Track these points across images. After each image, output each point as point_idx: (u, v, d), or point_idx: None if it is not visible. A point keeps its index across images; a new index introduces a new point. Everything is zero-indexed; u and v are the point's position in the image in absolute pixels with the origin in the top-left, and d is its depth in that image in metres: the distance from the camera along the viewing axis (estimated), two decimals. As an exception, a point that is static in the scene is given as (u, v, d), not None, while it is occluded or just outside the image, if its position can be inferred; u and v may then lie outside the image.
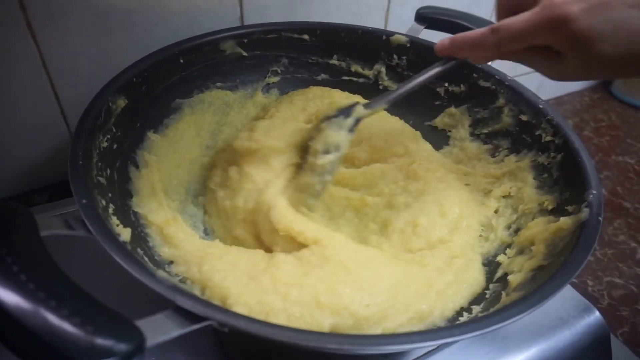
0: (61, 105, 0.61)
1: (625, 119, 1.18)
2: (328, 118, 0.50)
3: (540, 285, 0.33)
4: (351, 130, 0.49)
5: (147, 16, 0.60)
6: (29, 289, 0.23)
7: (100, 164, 0.43)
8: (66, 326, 0.22)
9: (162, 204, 0.47)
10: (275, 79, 0.67)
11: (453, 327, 0.29)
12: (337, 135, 0.48)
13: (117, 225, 0.39)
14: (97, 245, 0.32)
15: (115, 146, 0.47)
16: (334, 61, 0.67)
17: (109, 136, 0.46)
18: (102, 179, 0.42)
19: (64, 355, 0.22)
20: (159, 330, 0.26)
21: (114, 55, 0.60)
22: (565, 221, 0.41)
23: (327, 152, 0.48)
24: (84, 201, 0.34)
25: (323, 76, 0.68)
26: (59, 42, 0.56)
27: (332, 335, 0.32)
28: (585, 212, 0.39)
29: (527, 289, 0.35)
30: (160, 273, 0.33)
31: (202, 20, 0.64)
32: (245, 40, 0.62)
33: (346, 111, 0.49)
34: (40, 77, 0.58)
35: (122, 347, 0.23)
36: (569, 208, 0.42)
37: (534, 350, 0.47)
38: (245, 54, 0.63)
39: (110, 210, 0.40)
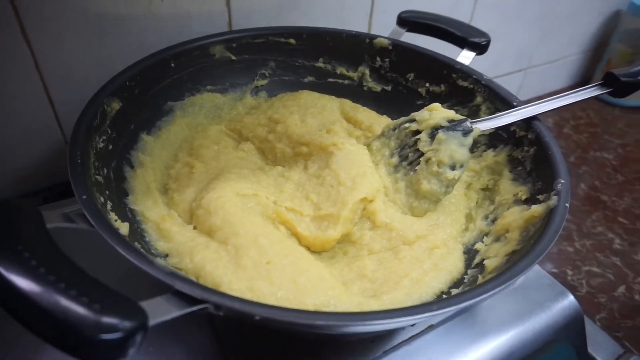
0: (55, 109, 0.63)
1: (602, 116, 1.23)
2: (440, 128, 0.52)
3: (510, 266, 0.35)
4: (471, 151, 0.53)
5: (138, 22, 0.63)
6: (40, 273, 0.25)
7: (97, 163, 0.45)
8: (75, 305, 0.24)
9: (157, 202, 0.49)
10: (264, 82, 0.69)
11: (431, 302, 0.31)
12: (462, 153, 0.51)
13: (116, 220, 0.41)
14: (93, 238, 0.34)
15: (110, 147, 0.49)
16: (320, 64, 0.70)
17: (104, 137, 0.48)
18: (99, 178, 0.44)
19: (74, 332, 0.24)
20: (160, 311, 0.28)
21: (106, 60, 0.62)
22: (536, 209, 0.44)
23: (453, 167, 0.51)
24: (84, 197, 0.36)
25: (309, 78, 0.70)
26: (53, 47, 0.58)
27: (317, 313, 0.34)
28: (554, 200, 0.42)
29: (501, 271, 0.38)
30: (159, 261, 0.35)
31: (191, 26, 0.67)
32: (234, 45, 0.65)
33: (462, 127, 0.52)
34: (34, 82, 0.59)
35: (126, 324, 0.25)
36: (540, 197, 0.45)
37: (512, 333, 0.50)
38: (234, 57, 0.65)
39: (109, 207, 0.42)
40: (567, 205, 0.41)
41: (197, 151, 0.57)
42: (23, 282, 0.25)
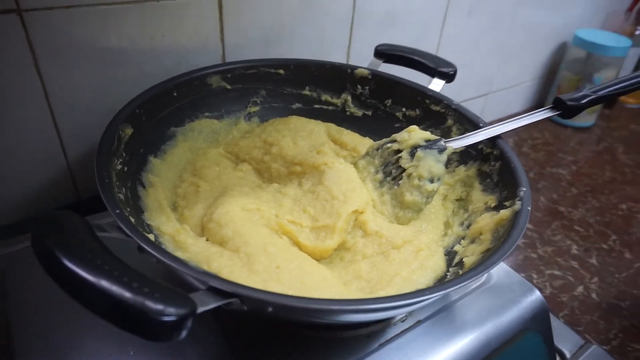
0: (60, 136, 0.67)
1: (556, 136, 1.35)
2: (418, 147, 0.60)
3: (485, 260, 0.42)
4: (446, 167, 0.61)
5: (140, 55, 0.68)
6: (106, 270, 0.30)
7: (117, 183, 0.49)
8: (140, 296, 0.29)
9: (170, 217, 0.53)
10: (256, 109, 0.75)
11: (424, 289, 0.38)
12: (438, 168, 0.59)
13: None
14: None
15: (126, 169, 0.54)
16: (307, 92, 0.77)
17: (120, 160, 0.53)
18: (121, 196, 0.49)
19: (141, 316, 0.29)
20: (202, 302, 0.33)
21: (110, 90, 0.67)
22: (504, 213, 0.51)
23: (432, 180, 0.59)
24: (117, 211, 0.41)
25: (297, 105, 0.77)
26: (62, 78, 0.63)
27: (331, 300, 0.39)
28: (518, 204, 0.50)
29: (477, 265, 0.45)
30: (192, 263, 0.40)
31: (188, 59, 0.72)
32: (229, 75, 0.71)
33: (437, 146, 0.60)
34: (42, 110, 0.63)
35: (182, 310, 0.30)
36: (507, 203, 0.53)
37: (489, 325, 0.56)
38: (229, 87, 0.72)
39: (132, 221, 0.46)
40: (529, 208, 0.49)
41: (200, 172, 0.62)
42: (95, 278, 0.29)
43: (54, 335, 0.49)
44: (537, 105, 1.50)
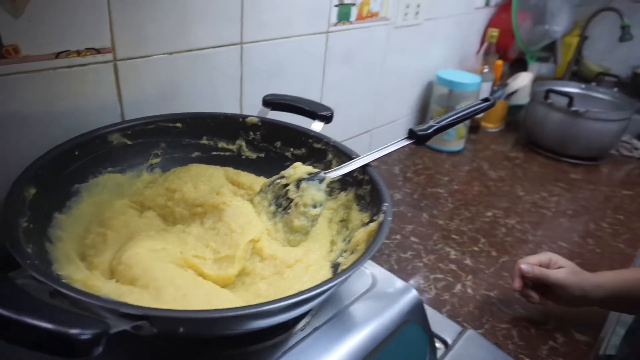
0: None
1: (434, 160, 1.56)
2: (302, 179, 0.71)
3: (350, 265, 0.53)
4: (330, 194, 0.72)
5: (40, 119, 0.72)
6: (26, 307, 0.36)
7: (25, 239, 0.53)
8: (60, 324, 0.35)
9: (80, 266, 0.57)
10: (157, 160, 0.82)
11: (307, 289, 0.47)
12: (320, 195, 0.70)
13: (52, 280, 0.49)
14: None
15: (31, 226, 0.57)
16: (204, 141, 0.85)
17: (26, 218, 0.56)
18: (29, 250, 0.52)
19: (63, 340, 0.35)
20: (115, 325, 0.39)
21: (9, 154, 0.70)
22: (372, 225, 0.63)
23: (315, 206, 0.69)
24: (28, 262, 0.46)
25: (196, 154, 0.85)
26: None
27: (238, 307, 0.46)
28: (382, 217, 0.62)
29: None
30: (104, 295, 0.45)
31: (88, 119, 0.77)
32: (129, 132, 0.77)
33: (318, 177, 0.72)
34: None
35: (97, 330, 0.36)
36: (375, 217, 0.65)
37: (375, 322, 0.66)
38: (129, 142, 0.77)
39: (44, 270, 0.50)
40: (390, 218, 0.61)
41: (107, 222, 0.67)
42: (19, 316, 0.35)
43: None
44: (416, 135, 1.71)
